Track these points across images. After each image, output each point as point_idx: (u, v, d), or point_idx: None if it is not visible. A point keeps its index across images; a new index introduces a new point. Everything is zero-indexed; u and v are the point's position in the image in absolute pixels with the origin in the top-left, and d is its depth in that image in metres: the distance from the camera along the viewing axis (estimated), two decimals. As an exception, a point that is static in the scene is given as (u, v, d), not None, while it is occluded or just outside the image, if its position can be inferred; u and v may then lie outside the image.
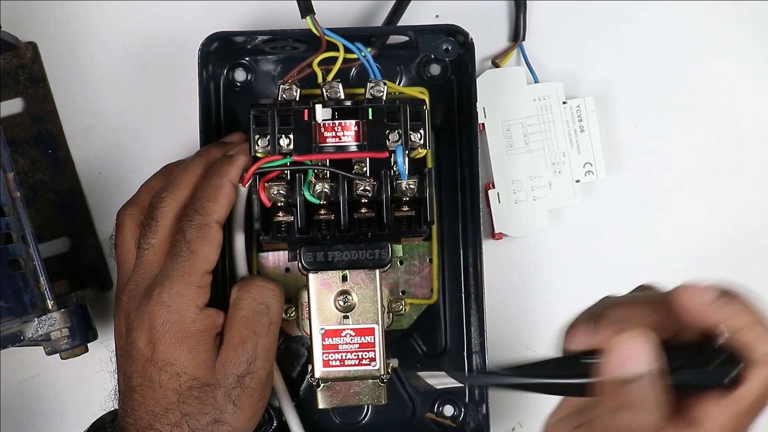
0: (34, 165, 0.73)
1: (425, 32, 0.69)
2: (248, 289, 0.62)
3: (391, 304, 0.67)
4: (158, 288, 0.59)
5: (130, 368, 0.60)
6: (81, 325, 0.68)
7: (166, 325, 0.59)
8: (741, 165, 0.76)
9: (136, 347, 0.60)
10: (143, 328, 0.59)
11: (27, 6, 0.74)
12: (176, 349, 0.59)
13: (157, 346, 0.59)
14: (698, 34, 0.77)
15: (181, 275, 0.59)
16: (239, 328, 0.61)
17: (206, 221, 0.60)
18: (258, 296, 0.62)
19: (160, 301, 0.59)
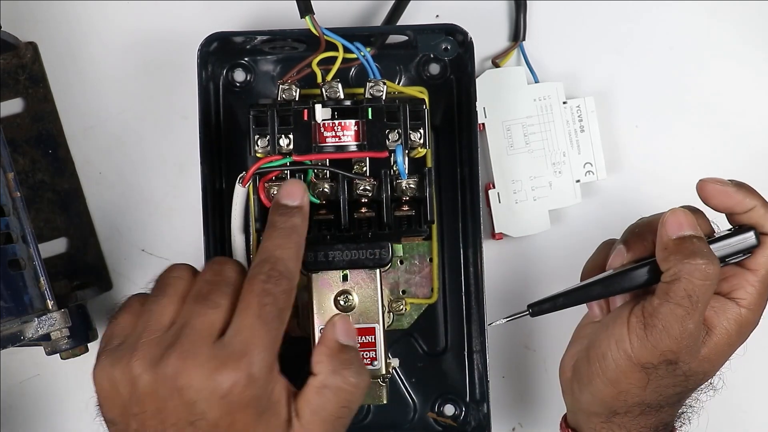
0: (34, 165, 0.73)
1: (424, 32, 0.69)
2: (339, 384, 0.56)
3: (391, 304, 0.67)
4: (246, 357, 0.52)
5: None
6: (81, 325, 0.68)
7: (252, 399, 0.52)
8: (741, 165, 0.76)
9: (205, 419, 0.52)
10: (216, 397, 0.52)
11: (27, 6, 0.74)
12: (256, 424, 0.53)
13: (236, 420, 0.52)
14: (698, 34, 0.77)
15: (271, 345, 0.53)
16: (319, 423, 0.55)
17: (293, 286, 0.55)
18: (345, 399, 0.56)
19: (249, 374, 0.52)
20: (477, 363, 0.71)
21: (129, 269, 0.74)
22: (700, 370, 0.60)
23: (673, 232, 0.59)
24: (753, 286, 0.59)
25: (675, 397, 0.61)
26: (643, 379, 0.59)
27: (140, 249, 0.74)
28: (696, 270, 0.57)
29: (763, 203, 0.60)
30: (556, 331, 0.75)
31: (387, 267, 0.64)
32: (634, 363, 0.59)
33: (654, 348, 0.58)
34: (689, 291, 0.57)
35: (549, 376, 0.76)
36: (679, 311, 0.57)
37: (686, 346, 0.58)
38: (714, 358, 0.60)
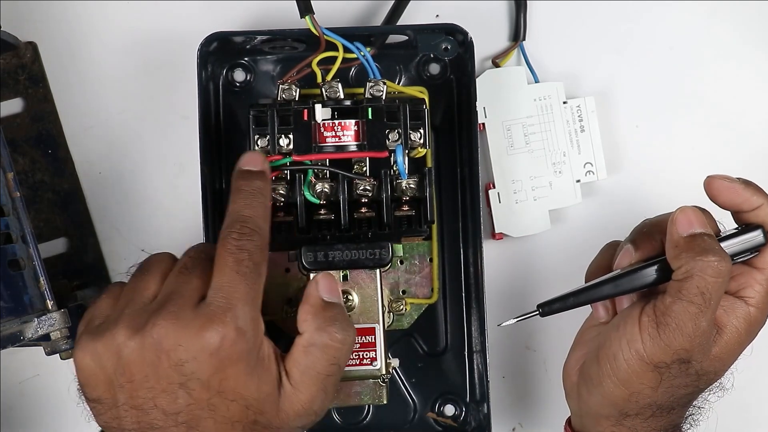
0: (34, 165, 0.73)
1: (424, 31, 0.69)
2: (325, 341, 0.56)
3: (391, 304, 0.67)
4: (230, 312, 0.52)
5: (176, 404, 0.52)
6: (81, 325, 0.68)
7: (241, 354, 0.52)
8: (741, 164, 0.76)
9: (196, 378, 0.52)
10: (205, 354, 0.52)
11: (27, 6, 0.74)
12: (248, 379, 0.53)
13: (227, 376, 0.52)
14: (698, 34, 0.77)
15: (253, 298, 0.53)
16: (310, 383, 0.55)
17: (265, 243, 0.55)
18: (332, 356, 0.56)
19: (235, 327, 0.52)
20: (477, 363, 0.71)
21: (129, 269, 0.74)
22: (711, 370, 0.59)
23: (683, 230, 0.58)
24: (761, 285, 0.59)
25: (686, 398, 0.61)
26: (655, 379, 0.59)
27: (140, 249, 0.74)
28: (708, 267, 0.57)
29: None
30: (557, 331, 0.75)
31: (387, 267, 0.64)
32: (646, 363, 0.58)
33: (667, 347, 0.58)
34: (702, 288, 0.57)
35: (549, 376, 0.76)
36: (692, 309, 0.57)
37: (699, 344, 0.58)
38: (725, 357, 0.60)
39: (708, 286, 0.57)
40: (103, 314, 0.56)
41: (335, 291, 0.59)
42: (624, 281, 0.61)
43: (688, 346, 0.58)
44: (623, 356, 0.59)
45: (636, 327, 0.59)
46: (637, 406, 0.60)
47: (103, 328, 0.54)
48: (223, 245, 0.55)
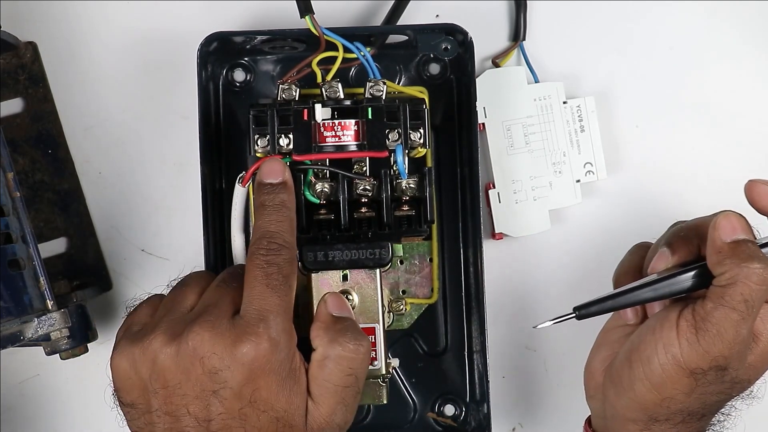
0: (34, 165, 0.73)
1: (424, 31, 0.69)
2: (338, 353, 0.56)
3: (391, 304, 0.67)
4: (263, 323, 0.54)
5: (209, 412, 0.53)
6: (81, 325, 0.68)
7: (273, 365, 0.54)
8: (741, 165, 0.76)
9: (228, 387, 0.53)
10: (238, 364, 0.53)
11: (27, 6, 0.74)
12: (279, 390, 0.54)
13: (260, 387, 0.54)
14: (698, 34, 0.77)
15: (285, 311, 0.55)
16: (328, 396, 0.56)
17: (294, 256, 0.57)
18: (347, 367, 0.56)
19: (268, 338, 0.53)
20: (477, 363, 0.71)
21: (129, 269, 0.74)
22: (745, 378, 0.59)
23: (727, 236, 0.57)
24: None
25: (716, 405, 0.60)
26: (690, 385, 0.58)
27: (140, 249, 0.74)
28: (753, 274, 0.55)
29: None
30: (557, 331, 0.75)
31: (387, 267, 0.64)
32: (683, 368, 0.57)
33: (706, 353, 0.57)
34: (746, 295, 0.56)
35: (549, 376, 0.76)
36: (735, 315, 0.56)
37: (738, 352, 0.57)
38: (759, 366, 0.59)
39: (752, 293, 0.56)
40: (142, 322, 0.57)
41: (345, 307, 0.60)
42: (662, 286, 0.59)
43: (727, 353, 0.56)
44: (659, 360, 0.58)
45: (673, 331, 0.58)
46: (668, 411, 0.59)
47: (141, 334, 0.55)
48: (252, 261, 0.56)
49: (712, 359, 0.57)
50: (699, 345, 0.57)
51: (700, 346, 0.57)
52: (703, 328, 0.57)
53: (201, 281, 0.59)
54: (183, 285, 0.59)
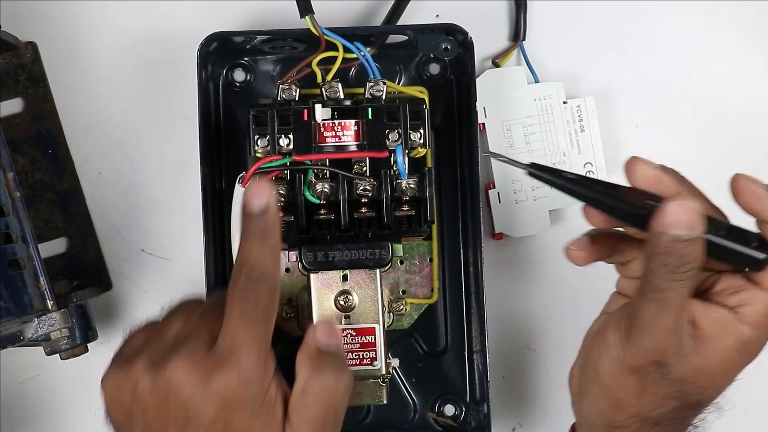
0: (34, 165, 0.73)
1: (424, 31, 0.69)
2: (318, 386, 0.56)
3: (391, 304, 0.67)
4: (235, 355, 0.53)
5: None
6: (81, 325, 0.68)
7: (246, 397, 0.54)
8: (742, 165, 0.76)
9: (201, 418, 0.53)
10: (210, 397, 0.53)
11: (27, 6, 0.74)
12: (252, 422, 0.54)
13: (232, 418, 0.53)
14: (698, 34, 0.77)
15: (260, 342, 0.54)
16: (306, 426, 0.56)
17: (273, 285, 0.56)
18: (327, 399, 0.56)
19: (240, 369, 0.53)
20: (477, 363, 0.71)
21: (129, 269, 0.74)
22: (696, 382, 0.58)
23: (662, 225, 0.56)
24: (763, 304, 0.56)
25: (674, 412, 0.59)
26: (635, 385, 0.58)
27: (140, 249, 0.74)
28: (661, 267, 0.55)
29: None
30: (557, 331, 0.75)
31: (387, 267, 0.64)
32: (624, 367, 0.58)
33: (638, 348, 0.57)
34: (658, 287, 0.55)
35: (549, 376, 0.76)
36: (653, 306, 0.56)
37: (669, 345, 0.56)
38: (710, 372, 0.57)
39: (662, 285, 0.55)
40: (133, 347, 0.58)
41: (333, 337, 0.59)
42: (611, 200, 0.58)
43: (657, 346, 0.56)
44: (604, 361, 0.59)
45: (613, 330, 0.58)
46: (624, 415, 0.59)
47: (127, 359, 0.56)
48: (230, 291, 0.55)
49: (646, 354, 0.57)
50: (633, 340, 0.57)
51: (633, 341, 0.57)
52: (634, 323, 0.57)
53: (189, 307, 0.59)
54: (172, 311, 0.59)
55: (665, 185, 0.58)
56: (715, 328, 0.57)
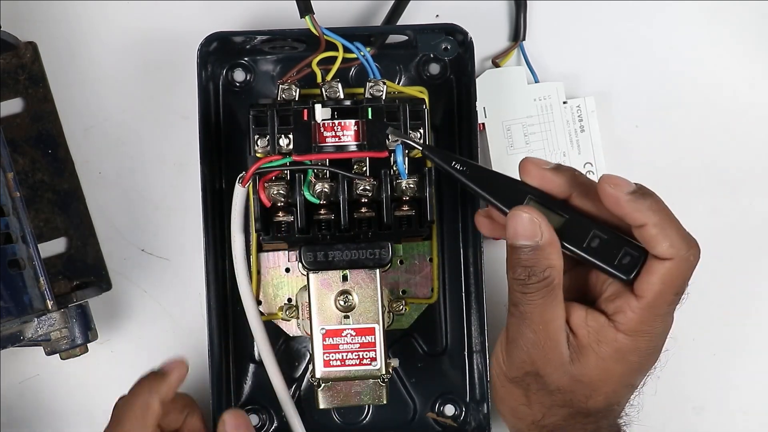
0: (34, 165, 0.73)
1: (424, 31, 0.69)
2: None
3: (391, 304, 0.67)
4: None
5: None
6: (81, 325, 0.68)
7: None
8: (741, 165, 0.76)
9: None
10: None
11: (27, 6, 0.74)
12: None
13: None
14: (698, 34, 0.77)
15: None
16: None
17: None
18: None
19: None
20: (477, 363, 0.71)
21: (129, 269, 0.74)
22: (575, 390, 0.57)
23: (507, 238, 0.57)
24: (634, 312, 0.56)
25: (567, 419, 0.58)
26: (522, 395, 0.59)
27: (140, 249, 0.74)
28: (514, 281, 0.56)
29: (659, 222, 0.55)
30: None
31: (387, 267, 0.64)
32: (507, 377, 0.59)
33: (513, 360, 0.58)
34: (514, 300, 0.57)
35: (549, 376, 0.76)
36: (515, 321, 0.57)
37: (538, 356, 0.57)
38: (587, 381, 0.57)
39: (516, 298, 0.56)
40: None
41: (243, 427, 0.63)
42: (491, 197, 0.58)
43: (526, 358, 0.57)
44: (494, 373, 0.61)
45: (498, 344, 0.60)
46: (524, 424, 0.60)
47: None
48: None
49: (520, 366, 0.58)
50: (508, 354, 0.58)
51: (508, 354, 0.58)
52: (508, 337, 0.58)
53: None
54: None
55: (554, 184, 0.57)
56: (590, 337, 0.57)
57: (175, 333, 0.74)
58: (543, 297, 0.56)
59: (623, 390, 0.59)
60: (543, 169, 0.58)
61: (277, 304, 0.70)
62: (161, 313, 0.74)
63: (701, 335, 0.75)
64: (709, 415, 0.75)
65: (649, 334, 0.57)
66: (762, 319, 0.76)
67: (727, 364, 0.75)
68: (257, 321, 0.66)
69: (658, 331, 0.57)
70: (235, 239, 0.66)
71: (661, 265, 0.55)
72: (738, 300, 0.76)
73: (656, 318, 0.56)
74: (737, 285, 0.76)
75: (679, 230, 0.56)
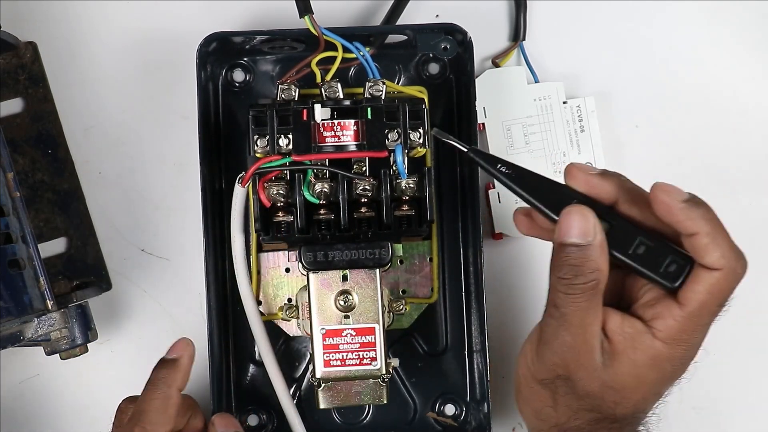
0: (34, 165, 0.73)
1: (424, 31, 0.69)
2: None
3: (391, 304, 0.67)
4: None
5: None
6: (81, 325, 0.68)
7: None
8: (741, 165, 0.76)
9: None
10: None
11: (27, 6, 0.74)
12: None
13: None
14: (698, 34, 0.77)
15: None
16: None
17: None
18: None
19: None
20: (477, 363, 0.71)
21: (129, 269, 0.74)
22: (605, 397, 0.57)
23: (557, 237, 0.55)
24: (675, 320, 0.55)
25: (592, 424, 0.58)
26: (549, 396, 0.58)
27: (140, 249, 0.74)
28: (558, 281, 0.55)
29: (711, 231, 0.54)
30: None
31: (387, 267, 0.64)
32: (535, 378, 0.58)
33: (544, 362, 0.57)
34: (555, 301, 0.56)
35: (549, 376, 0.76)
36: (553, 322, 0.56)
37: (572, 360, 0.56)
38: (619, 387, 0.56)
39: (558, 300, 0.55)
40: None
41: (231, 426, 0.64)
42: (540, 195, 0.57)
43: (560, 361, 0.56)
44: (521, 373, 0.60)
45: (528, 343, 0.59)
46: (546, 425, 0.59)
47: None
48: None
49: (551, 368, 0.57)
50: (539, 354, 0.57)
51: (540, 355, 0.57)
52: (541, 338, 0.57)
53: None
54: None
55: (601, 190, 0.57)
56: (626, 343, 0.56)
57: (175, 333, 0.73)
58: (587, 300, 0.55)
59: (652, 398, 0.58)
60: (589, 174, 0.57)
61: (277, 304, 0.70)
62: (161, 313, 0.74)
63: (701, 335, 0.75)
64: (709, 415, 0.75)
65: (686, 343, 0.56)
66: (762, 319, 0.76)
67: (727, 364, 0.75)
68: (257, 321, 0.66)
69: (695, 341, 0.56)
70: (235, 239, 0.66)
71: (710, 275, 0.54)
72: (738, 300, 0.75)
73: (696, 328, 0.56)
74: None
75: (730, 242, 0.55)
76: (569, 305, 0.55)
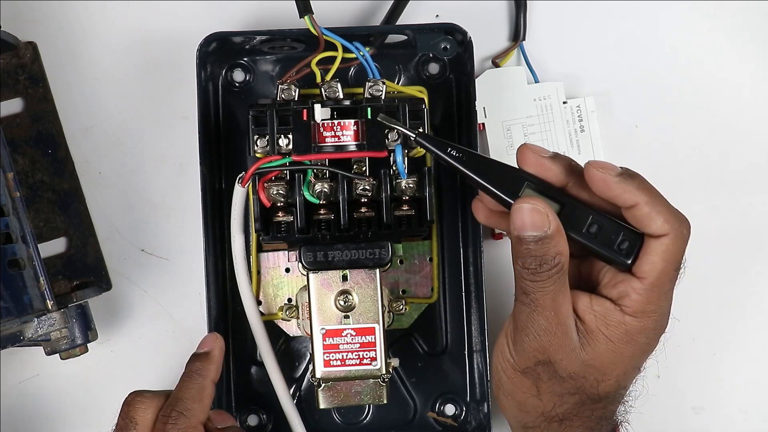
0: (34, 165, 0.73)
1: (423, 31, 0.69)
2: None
3: (391, 304, 0.67)
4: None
5: None
6: (81, 325, 0.68)
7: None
8: (741, 164, 0.76)
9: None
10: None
11: (27, 6, 0.74)
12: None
13: None
14: (698, 34, 0.77)
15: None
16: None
17: (192, 423, 0.59)
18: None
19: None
20: (477, 363, 0.71)
21: (129, 269, 0.74)
22: (587, 376, 0.58)
23: (513, 231, 0.57)
24: (638, 294, 0.57)
25: (577, 407, 0.59)
26: (532, 385, 0.59)
27: (140, 249, 0.74)
28: (523, 271, 0.56)
29: (649, 200, 0.56)
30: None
31: (387, 267, 0.64)
32: (516, 369, 0.59)
33: (523, 350, 0.58)
34: (524, 289, 0.57)
35: (549, 376, 0.76)
36: (525, 309, 0.57)
37: (550, 343, 0.57)
38: (599, 365, 0.58)
39: (526, 286, 0.57)
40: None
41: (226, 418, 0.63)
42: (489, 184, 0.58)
43: (538, 346, 0.57)
44: (500, 366, 0.60)
45: (503, 336, 0.60)
46: (531, 417, 0.60)
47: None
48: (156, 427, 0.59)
49: (531, 355, 0.58)
50: (517, 343, 0.58)
51: (518, 344, 0.58)
52: (515, 328, 0.58)
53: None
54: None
55: (551, 173, 0.58)
56: (597, 321, 0.58)
57: (175, 333, 0.74)
58: (554, 284, 0.57)
59: (632, 372, 0.60)
60: (541, 156, 0.58)
61: (277, 304, 0.70)
62: (161, 313, 0.74)
63: (701, 335, 0.75)
64: (709, 415, 0.75)
65: (655, 313, 0.58)
66: (762, 319, 0.76)
67: (727, 364, 0.75)
68: (257, 321, 0.66)
69: (663, 309, 0.58)
70: (235, 239, 0.66)
71: (659, 243, 0.56)
72: (738, 300, 0.76)
73: (660, 296, 0.57)
74: (737, 285, 0.76)
75: (669, 206, 0.57)
76: (538, 291, 0.57)
